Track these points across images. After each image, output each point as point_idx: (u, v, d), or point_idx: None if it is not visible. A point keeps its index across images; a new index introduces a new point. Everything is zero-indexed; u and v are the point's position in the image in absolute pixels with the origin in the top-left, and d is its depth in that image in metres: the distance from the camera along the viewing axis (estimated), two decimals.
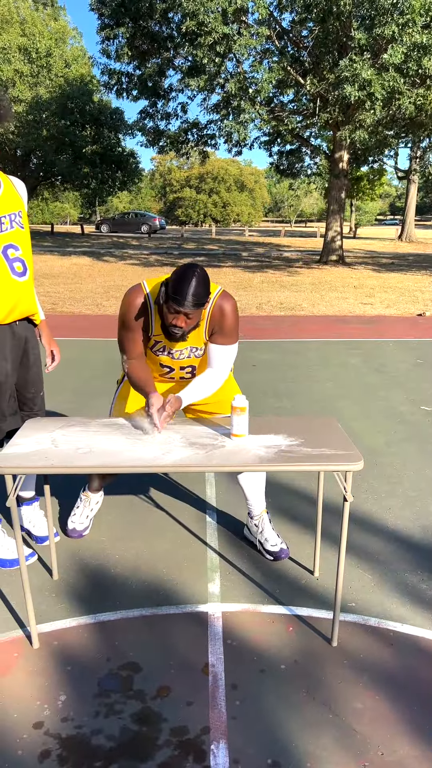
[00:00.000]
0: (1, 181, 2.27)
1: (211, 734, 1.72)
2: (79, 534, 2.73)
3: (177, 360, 2.40)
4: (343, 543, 1.97)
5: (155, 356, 2.40)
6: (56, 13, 27.17)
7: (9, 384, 2.38)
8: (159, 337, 2.31)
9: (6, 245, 2.23)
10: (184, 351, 2.38)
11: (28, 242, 2.34)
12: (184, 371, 2.46)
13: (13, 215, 2.27)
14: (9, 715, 1.78)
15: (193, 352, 2.39)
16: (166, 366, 2.43)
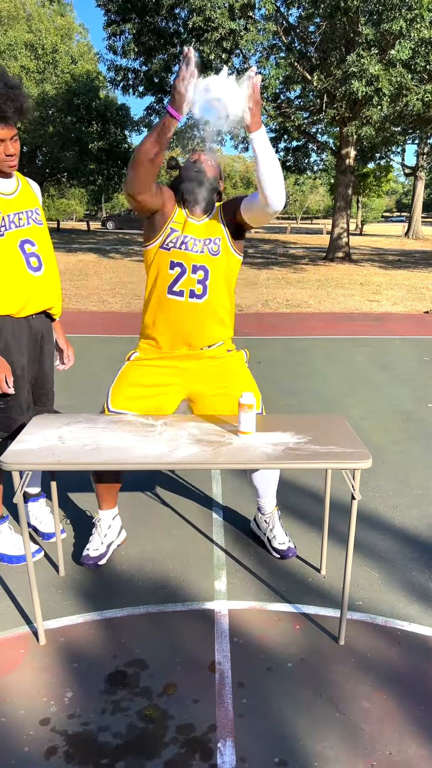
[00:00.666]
0: (19, 180, 2.34)
1: (218, 732, 1.72)
2: (93, 562, 2.47)
3: (191, 252, 2.27)
4: (351, 541, 1.95)
5: (166, 254, 2.29)
6: (62, 9, 27.15)
7: (26, 378, 2.41)
8: (176, 225, 2.28)
9: (23, 240, 2.28)
10: (198, 243, 2.29)
11: (45, 238, 2.39)
12: (195, 276, 2.29)
13: (30, 212, 2.33)
14: (16, 712, 1.78)
15: (207, 245, 2.29)
16: (177, 264, 2.28)
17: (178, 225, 2.28)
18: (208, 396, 2.41)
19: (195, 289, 2.30)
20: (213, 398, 2.41)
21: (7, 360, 2.33)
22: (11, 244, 2.24)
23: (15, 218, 2.26)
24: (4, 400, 2.36)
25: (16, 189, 2.30)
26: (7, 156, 2.18)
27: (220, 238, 2.32)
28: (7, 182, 2.27)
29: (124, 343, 6.71)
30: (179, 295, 2.30)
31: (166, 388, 2.40)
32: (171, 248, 2.28)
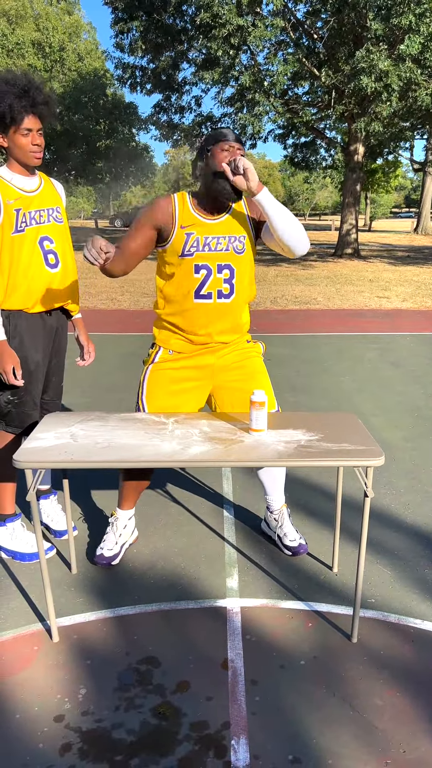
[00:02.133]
0: (42, 179, 2.38)
1: (232, 729, 1.72)
2: (106, 562, 2.47)
3: (214, 252, 2.20)
4: (364, 538, 1.95)
5: (188, 260, 2.21)
6: (70, 7, 27.16)
7: (39, 373, 2.44)
8: (190, 228, 2.19)
9: (42, 237, 2.33)
10: (222, 240, 2.21)
11: (64, 236, 2.43)
12: (221, 275, 2.24)
13: (51, 210, 2.37)
14: (30, 708, 1.79)
15: (232, 243, 2.23)
16: (202, 267, 2.21)
17: (193, 227, 2.20)
18: (226, 389, 2.40)
19: (222, 289, 2.26)
20: (231, 391, 2.40)
21: (21, 355, 2.36)
22: (31, 240, 2.28)
23: (36, 215, 2.30)
24: (17, 396, 2.39)
25: (38, 187, 2.34)
26: (33, 145, 2.22)
27: (245, 236, 2.27)
28: (29, 180, 2.31)
29: (133, 341, 6.72)
30: (207, 298, 2.26)
31: (195, 383, 2.39)
32: (194, 253, 2.21)
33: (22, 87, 2.17)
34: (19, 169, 2.28)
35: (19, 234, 2.25)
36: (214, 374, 2.40)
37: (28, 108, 2.17)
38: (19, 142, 2.20)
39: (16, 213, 2.23)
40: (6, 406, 2.41)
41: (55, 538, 2.72)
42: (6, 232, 2.23)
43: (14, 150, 2.23)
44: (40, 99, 2.20)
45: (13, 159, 2.26)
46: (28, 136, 2.20)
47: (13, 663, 1.97)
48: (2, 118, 2.16)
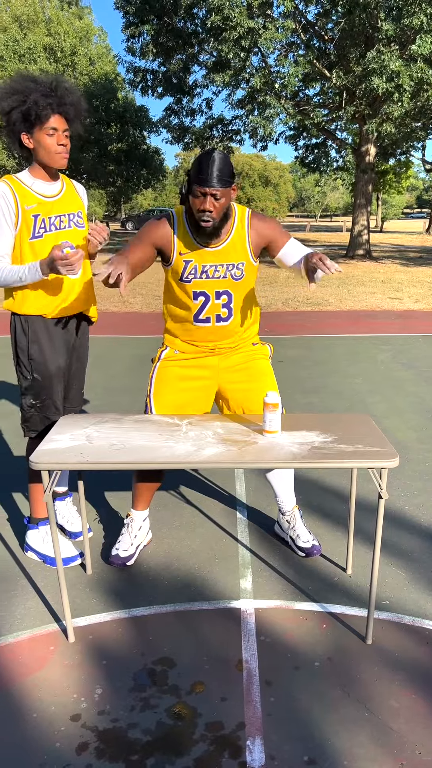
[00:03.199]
0: (63, 183, 2.36)
1: (247, 730, 1.72)
2: (121, 563, 2.48)
3: (213, 280, 2.22)
4: (378, 540, 1.95)
5: (187, 286, 2.24)
6: (81, 12, 27.32)
7: (60, 378, 2.45)
8: (188, 255, 2.21)
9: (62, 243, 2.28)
10: (220, 268, 2.22)
11: (84, 241, 2.40)
12: (219, 301, 2.27)
13: (72, 215, 2.34)
14: (47, 708, 1.80)
15: (230, 270, 2.23)
16: (200, 294, 2.25)
17: (191, 255, 2.21)
18: (232, 390, 2.42)
19: (221, 313, 2.30)
20: (237, 392, 2.42)
21: (41, 360, 2.36)
22: (50, 246, 2.27)
23: (56, 221, 2.28)
24: (39, 400, 2.41)
25: (59, 192, 2.32)
26: (59, 146, 2.20)
27: (244, 262, 2.26)
28: (50, 186, 2.29)
29: (145, 343, 6.75)
30: (206, 322, 2.31)
31: (201, 382, 2.42)
32: (191, 280, 2.23)
33: (49, 85, 2.15)
34: (41, 174, 2.27)
35: (38, 240, 2.24)
36: (219, 374, 2.43)
37: (54, 106, 2.14)
38: (45, 142, 2.17)
39: (35, 219, 2.22)
40: (29, 410, 2.42)
41: (70, 540, 2.73)
42: (24, 238, 2.22)
43: (39, 151, 2.20)
44: (67, 99, 2.18)
45: (37, 162, 2.24)
46: (54, 136, 2.17)
47: (30, 663, 1.99)
48: (27, 116, 2.13)
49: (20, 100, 2.13)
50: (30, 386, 2.40)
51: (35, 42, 23.42)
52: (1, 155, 23.44)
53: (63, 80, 2.22)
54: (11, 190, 2.20)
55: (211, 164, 2.01)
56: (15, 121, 2.16)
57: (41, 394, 2.41)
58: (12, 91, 2.15)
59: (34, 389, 2.40)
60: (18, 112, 2.14)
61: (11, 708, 1.80)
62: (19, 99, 2.13)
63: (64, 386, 2.51)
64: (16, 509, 3.02)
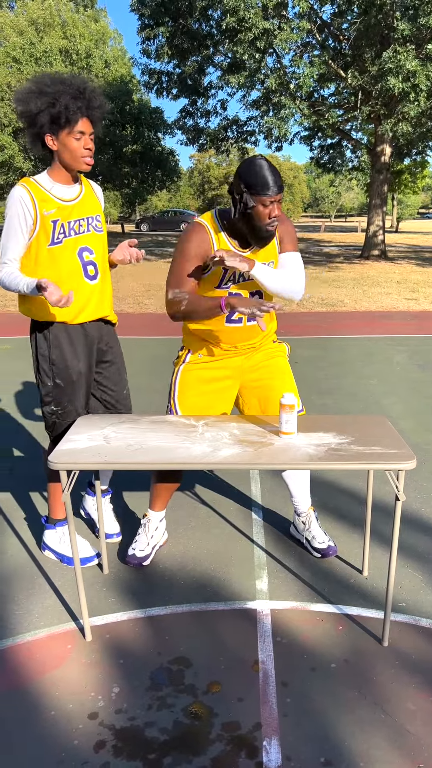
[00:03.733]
0: (82, 185, 2.33)
1: (263, 731, 1.73)
2: (138, 562, 2.51)
3: (249, 282, 2.27)
4: (395, 542, 1.94)
5: (224, 292, 2.28)
6: (96, 14, 27.47)
7: (83, 383, 2.42)
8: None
9: (81, 248, 2.28)
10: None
11: (103, 246, 2.38)
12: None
13: (91, 219, 2.32)
14: (65, 706, 1.82)
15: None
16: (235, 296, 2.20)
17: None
18: (252, 388, 2.45)
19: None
20: (256, 390, 2.44)
21: (63, 366, 2.34)
22: (70, 251, 2.24)
23: (75, 225, 2.25)
24: (61, 407, 2.39)
25: (78, 195, 2.28)
26: (85, 149, 2.17)
27: (273, 261, 2.31)
28: (70, 189, 2.26)
29: (161, 344, 6.77)
30: (238, 322, 2.32)
31: (224, 383, 2.44)
32: (230, 286, 2.27)
33: (78, 88, 2.12)
34: (61, 176, 2.23)
35: (57, 246, 2.21)
36: (242, 374, 2.45)
37: (84, 110, 2.12)
38: (71, 146, 2.15)
39: (53, 224, 2.19)
40: (50, 417, 2.41)
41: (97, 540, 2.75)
42: (41, 244, 2.20)
43: (63, 153, 2.17)
44: (95, 103, 2.16)
45: (60, 164, 2.20)
46: (81, 140, 2.15)
47: (48, 661, 2.01)
48: (56, 118, 2.10)
49: (49, 102, 2.10)
50: (51, 392, 2.38)
51: (51, 45, 23.58)
52: (18, 157, 23.62)
53: (89, 82, 2.20)
54: (30, 195, 2.16)
55: (270, 173, 2.06)
56: (42, 123, 2.13)
57: (63, 400, 2.38)
58: (40, 92, 2.11)
59: (55, 396, 2.38)
60: (47, 114, 2.11)
61: (30, 705, 1.83)
62: (48, 101, 2.10)
63: (106, 393, 2.51)
64: (34, 509, 3.05)
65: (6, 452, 3.75)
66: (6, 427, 4.19)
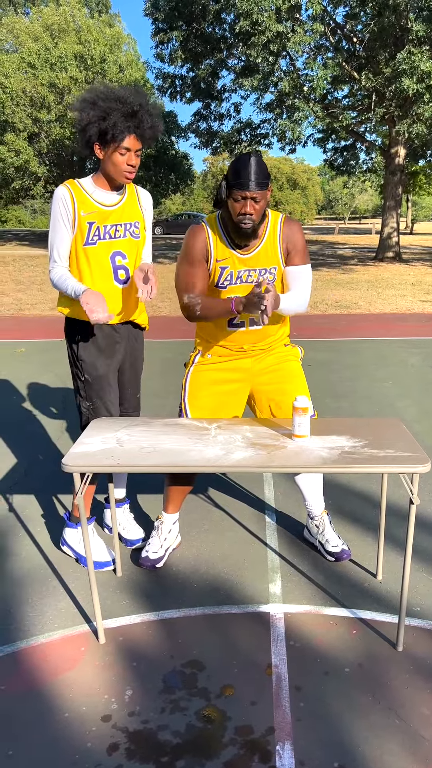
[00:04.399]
0: (126, 192, 2.39)
1: (276, 735, 1.72)
2: (151, 564, 2.50)
3: (247, 284, 2.29)
4: (409, 545, 1.93)
5: (222, 292, 2.31)
6: (111, 20, 27.67)
7: (111, 381, 2.49)
8: (224, 261, 2.26)
9: (115, 252, 2.36)
10: (253, 273, 2.29)
11: (139, 252, 2.44)
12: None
13: (129, 225, 2.38)
14: (78, 708, 1.83)
15: (263, 275, 2.30)
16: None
17: (227, 262, 2.27)
18: (264, 392, 2.46)
19: (254, 317, 2.32)
20: (269, 394, 2.45)
21: (90, 362, 2.43)
22: (103, 254, 2.33)
23: (111, 230, 2.33)
24: (91, 402, 2.46)
25: (119, 201, 2.36)
26: (128, 165, 2.24)
27: (275, 267, 2.31)
28: (110, 195, 2.34)
29: (174, 347, 6.78)
30: (239, 326, 2.35)
31: (234, 385, 2.46)
32: (227, 286, 2.29)
33: (132, 107, 2.19)
34: (103, 183, 2.32)
35: (90, 246, 2.30)
36: (253, 376, 2.46)
37: (132, 129, 2.19)
38: (116, 160, 2.23)
39: (89, 226, 2.28)
40: (86, 413, 2.49)
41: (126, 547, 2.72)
42: (78, 243, 2.30)
43: (107, 164, 2.25)
44: (146, 123, 2.22)
45: (103, 173, 2.29)
46: (125, 156, 2.22)
47: (62, 663, 2.02)
48: (104, 133, 2.19)
49: (100, 116, 2.17)
50: (82, 388, 2.47)
51: (66, 50, 23.76)
52: (33, 162, 23.82)
53: (146, 101, 2.24)
54: (71, 194, 2.27)
55: (249, 168, 2.06)
56: (91, 134, 2.21)
57: (92, 396, 2.46)
58: (93, 105, 2.19)
59: (86, 391, 2.47)
60: (95, 126, 2.19)
61: (44, 707, 1.83)
62: (98, 115, 2.17)
63: (117, 391, 2.56)
64: (48, 510, 3.07)
65: (20, 454, 3.78)
66: (20, 428, 4.22)
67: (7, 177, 24.69)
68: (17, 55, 23.76)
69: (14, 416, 4.50)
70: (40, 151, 24.24)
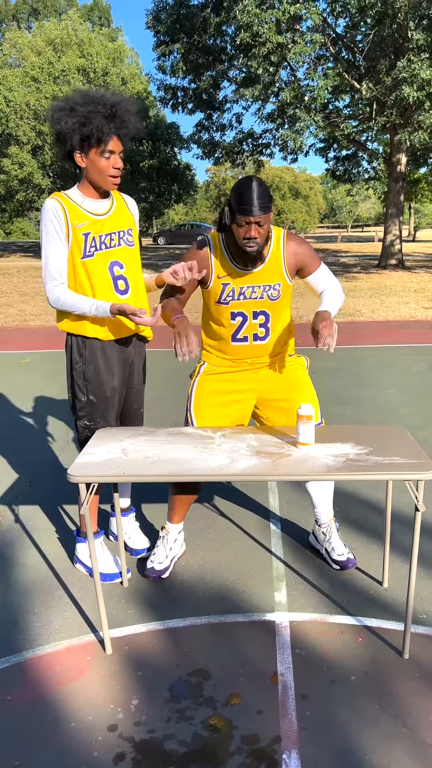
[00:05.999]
0: (114, 199, 2.34)
1: (283, 744, 1.72)
2: (157, 575, 2.49)
3: (250, 300, 2.31)
4: (415, 553, 1.93)
5: (225, 308, 2.33)
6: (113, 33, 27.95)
7: (116, 399, 2.44)
8: (225, 278, 2.30)
9: (112, 262, 2.29)
10: (257, 289, 2.31)
11: (134, 260, 2.38)
12: (257, 321, 2.36)
13: (122, 233, 2.32)
14: (84, 717, 1.83)
15: (266, 291, 2.32)
16: (238, 314, 2.34)
17: (228, 278, 2.30)
18: (271, 400, 2.49)
19: (258, 332, 2.38)
20: (276, 402, 2.48)
21: (98, 381, 2.36)
22: (101, 265, 2.25)
23: (106, 239, 2.26)
24: (93, 422, 2.41)
25: (109, 209, 2.29)
26: (114, 169, 2.18)
27: (280, 283, 2.34)
28: (100, 203, 2.28)
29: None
30: (243, 341, 2.40)
31: (240, 395, 2.48)
32: (229, 302, 2.33)
33: (111, 106, 2.12)
34: (90, 192, 2.24)
35: (89, 259, 2.22)
36: (258, 386, 2.48)
37: (114, 129, 2.13)
38: (100, 165, 2.16)
39: (85, 237, 2.20)
40: (83, 431, 2.43)
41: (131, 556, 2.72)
42: (75, 257, 2.21)
43: (91, 171, 2.18)
44: (129, 122, 2.16)
45: (88, 180, 2.22)
46: (110, 159, 2.16)
47: (68, 672, 2.02)
48: (87, 138, 2.12)
49: (80, 122, 2.11)
50: (84, 407, 2.40)
51: (69, 64, 24.00)
52: (37, 174, 23.99)
53: (124, 100, 2.19)
54: (61, 206, 2.18)
55: (251, 193, 2.08)
56: (73, 141, 2.14)
57: (95, 415, 2.40)
58: (72, 110, 2.12)
59: (88, 411, 2.40)
60: (77, 132, 2.11)
61: (50, 717, 1.83)
62: (79, 121, 2.11)
63: (122, 405, 2.52)
64: (53, 521, 3.07)
65: (25, 464, 3.79)
66: (25, 439, 4.24)
67: (11, 189, 24.88)
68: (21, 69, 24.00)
69: (19, 427, 4.52)
70: (43, 163, 24.41)
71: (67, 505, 3.25)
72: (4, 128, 23.02)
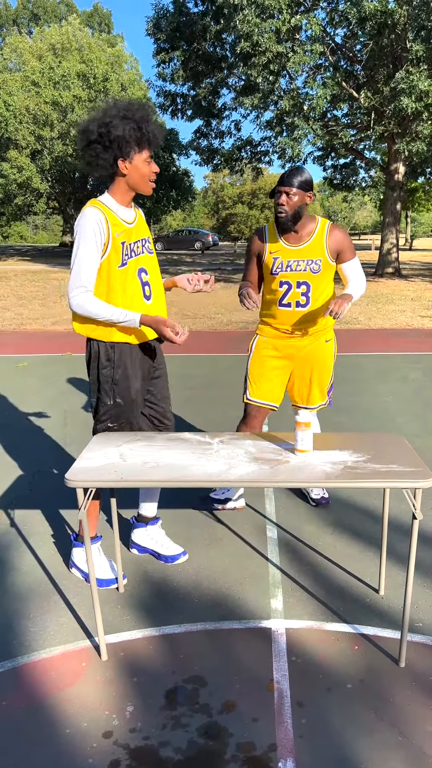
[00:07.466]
0: (135, 212, 2.41)
1: (279, 751, 1.71)
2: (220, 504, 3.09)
3: (295, 272, 2.79)
4: (412, 561, 1.93)
5: (275, 277, 2.83)
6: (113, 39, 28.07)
7: (140, 400, 2.49)
8: (276, 253, 2.81)
9: (140, 269, 2.36)
10: (301, 263, 2.78)
11: (155, 266, 2.46)
12: (299, 290, 2.81)
13: (144, 241, 2.41)
14: (80, 724, 1.82)
15: (309, 265, 2.78)
16: (284, 283, 2.82)
17: (278, 253, 2.81)
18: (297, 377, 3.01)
19: (300, 300, 2.85)
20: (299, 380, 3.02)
21: (125, 385, 2.40)
22: (132, 272, 2.32)
23: (135, 247, 2.33)
24: (117, 423, 2.44)
25: (135, 218, 2.38)
26: (154, 174, 2.29)
27: (321, 259, 2.79)
28: (129, 212, 2.35)
29: (183, 362, 6.80)
30: (288, 306, 2.87)
31: (282, 362, 2.98)
32: (278, 272, 2.83)
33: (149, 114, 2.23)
34: (124, 200, 2.31)
35: (124, 267, 2.28)
36: (294, 361, 2.98)
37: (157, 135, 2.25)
38: (144, 170, 2.25)
39: (122, 246, 2.26)
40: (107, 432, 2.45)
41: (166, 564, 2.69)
42: (113, 265, 2.25)
43: (134, 176, 2.25)
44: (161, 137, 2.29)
45: (128, 186, 2.28)
46: (150, 164, 2.26)
47: (63, 678, 2.01)
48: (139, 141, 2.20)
49: (136, 127, 2.19)
50: (110, 410, 2.43)
51: (69, 69, 24.09)
52: (36, 179, 24.03)
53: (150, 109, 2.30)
54: (105, 216, 2.22)
55: (288, 171, 2.70)
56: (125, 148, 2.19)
57: (120, 417, 2.44)
58: (125, 119, 2.19)
59: (113, 414, 2.43)
60: (132, 137, 2.19)
61: (45, 723, 1.82)
62: (134, 127, 2.18)
63: (151, 409, 2.56)
64: (50, 526, 3.07)
65: (23, 468, 3.78)
66: (22, 443, 4.23)
67: (9, 193, 24.92)
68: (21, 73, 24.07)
69: (17, 431, 4.51)
70: (42, 167, 24.46)
71: (63, 509, 3.24)
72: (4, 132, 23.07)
